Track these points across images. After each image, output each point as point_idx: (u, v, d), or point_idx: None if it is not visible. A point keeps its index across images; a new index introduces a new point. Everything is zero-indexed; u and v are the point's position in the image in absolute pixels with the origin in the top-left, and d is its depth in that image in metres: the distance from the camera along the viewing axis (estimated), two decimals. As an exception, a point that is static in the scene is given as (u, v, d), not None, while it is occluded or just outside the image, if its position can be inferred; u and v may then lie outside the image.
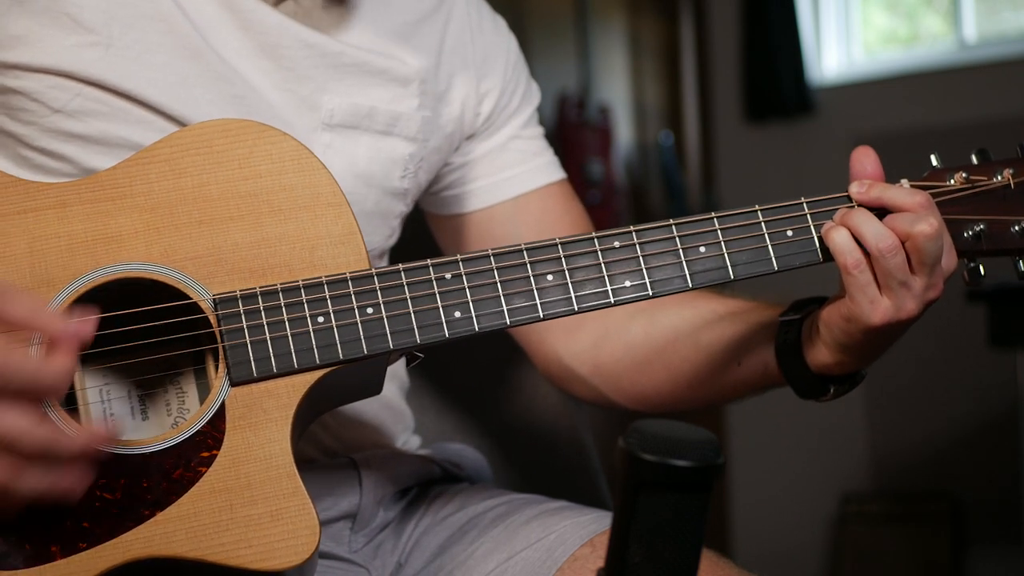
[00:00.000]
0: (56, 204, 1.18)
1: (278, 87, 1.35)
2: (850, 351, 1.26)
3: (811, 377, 1.31)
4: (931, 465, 4.47)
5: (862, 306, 1.22)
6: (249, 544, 1.12)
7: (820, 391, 1.33)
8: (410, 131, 1.43)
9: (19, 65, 1.27)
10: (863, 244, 1.21)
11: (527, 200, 1.54)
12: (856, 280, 1.21)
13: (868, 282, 1.21)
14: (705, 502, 0.87)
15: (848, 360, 1.28)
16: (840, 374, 1.31)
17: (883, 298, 1.22)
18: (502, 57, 1.54)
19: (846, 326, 1.24)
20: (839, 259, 1.22)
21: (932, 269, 1.22)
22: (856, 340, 1.24)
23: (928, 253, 1.20)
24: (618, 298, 1.24)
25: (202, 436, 1.15)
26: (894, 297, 1.21)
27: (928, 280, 1.22)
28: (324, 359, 1.17)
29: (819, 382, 1.32)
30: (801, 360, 1.31)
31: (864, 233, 1.21)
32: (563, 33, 4.83)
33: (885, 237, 1.20)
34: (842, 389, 1.32)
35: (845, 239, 1.22)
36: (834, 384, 1.32)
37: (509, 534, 1.37)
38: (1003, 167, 1.28)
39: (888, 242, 1.20)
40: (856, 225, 1.22)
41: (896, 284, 1.21)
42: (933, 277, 1.22)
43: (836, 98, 4.79)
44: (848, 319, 1.23)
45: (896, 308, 1.21)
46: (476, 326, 1.21)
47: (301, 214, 1.21)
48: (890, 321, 1.22)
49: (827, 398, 1.33)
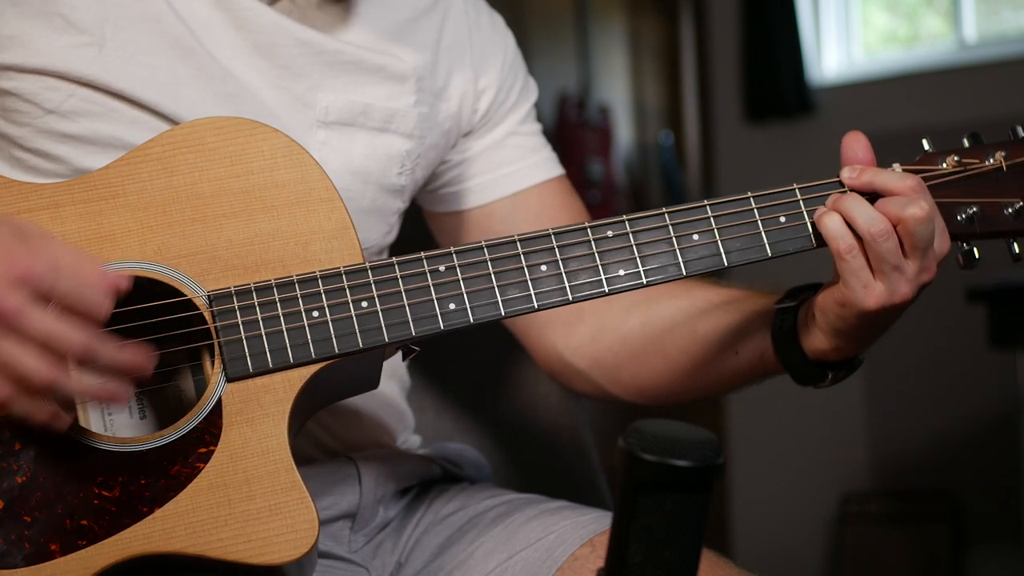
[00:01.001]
0: (49, 205, 1.18)
1: (272, 85, 1.35)
2: (845, 336, 1.26)
3: (808, 364, 1.32)
4: (931, 465, 4.47)
5: (856, 291, 1.22)
6: (248, 539, 1.13)
7: (818, 378, 1.33)
8: (406, 128, 1.43)
9: (12, 66, 1.27)
10: (855, 229, 1.21)
11: (525, 196, 1.54)
12: (849, 265, 1.21)
13: (861, 267, 1.21)
14: (705, 502, 0.87)
15: (844, 345, 1.28)
16: (837, 360, 1.31)
17: (877, 282, 1.22)
18: (499, 54, 1.54)
19: (841, 311, 1.24)
20: (832, 244, 1.22)
21: (925, 252, 1.22)
22: (851, 325, 1.25)
23: (920, 236, 1.21)
24: (612, 287, 1.24)
25: (199, 432, 1.15)
26: (887, 281, 1.21)
27: (921, 263, 1.22)
28: (320, 353, 1.18)
29: (816, 368, 1.32)
30: (798, 347, 1.31)
31: (856, 218, 1.21)
32: (563, 33, 4.84)
33: (877, 222, 1.21)
34: (840, 375, 1.33)
35: (837, 224, 1.22)
36: (832, 370, 1.32)
37: (509, 534, 1.37)
38: (995, 150, 1.28)
39: (880, 227, 1.20)
40: (848, 210, 1.22)
41: (889, 268, 1.21)
42: (926, 260, 1.23)
43: (836, 98, 4.78)
44: (842, 304, 1.23)
45: (890, 292, 1.21)
46: (471, 317, 1.21)
47: (294, 210, 1.21)
48: (884, 305, 1.22)
49: (825, 384, 1.34)
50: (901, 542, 4.42)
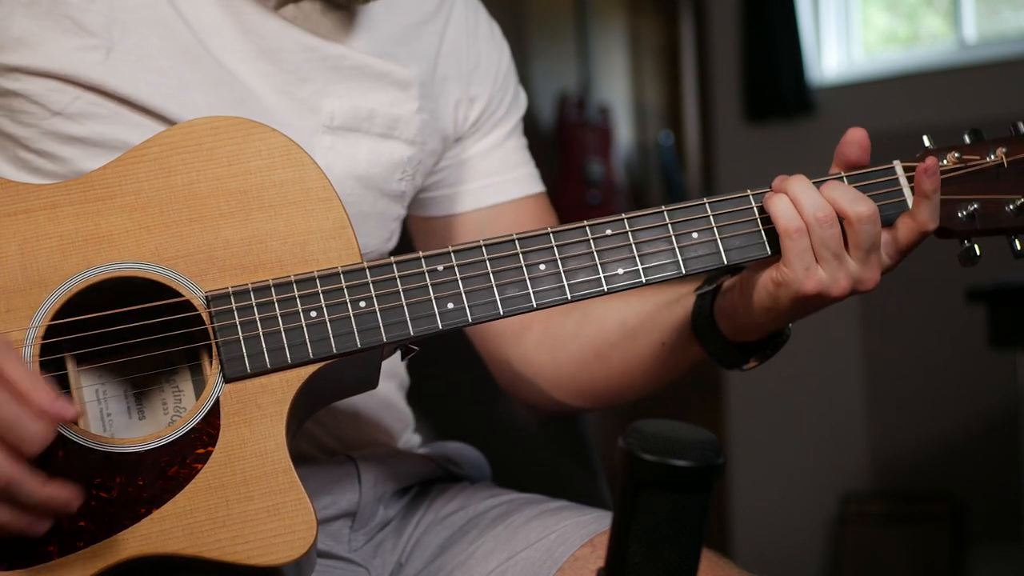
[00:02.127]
0: (46, 205, 1.18)
1: (278, 90, 1.35)
2: (769, 315, 1.27)
3: (728, 346, 1.33)
4: (931, 465, 4.47)
5: (797, 272, 1.22)
6: (246, 540, 1.12)
7: (740, 360, 1.35)
8: (409, 134, 1.43)
9: (20, 68, 1.28)
10: (800, 212, 1.22)
11: (502, 210, 1.54)
12: (795, 245, 1.22)
13: (805, 248, 1.22)
14: (705, 502, 0.87)
15: (765, 324, 1.29)
16: (755, 340, 1.32)
17: (818, 268, 1.22)
18: (494, 64, 1.54)
19: (775, 290, 1.24)
20: (778, 224, 1.23)
21: (867, 255, 1.23)
22: (781, 306, 1.25)
23: (863, 235, 1.22)
24: (611, 286, 1.24)
25: (197, 433, 1.15)
26: (829, 269, 1.22)
27: (863, 264, 1.23)
28: (318, 353, 1.17)
29: (736, 351, 1.33)
30: (716, 330, 1.33)
31: (802, 201, 1.23)
32: (563, 33, 4.83)
33: (822, 207, 1.22)
34: (767, 354, 1.34)
35: (785, 205, 1.23)
36: (754, 353, 1.34)
37: (509, 534, 1.37)
38: (996, 146, 1.28)
39: (824, 212, 1.22)
40: (795, 193, 1.23)
41: (830, 255, 1.22)
42: (868, 263, 1.24)
43: (836, 98, 4.79)
44: (779, 284, 1.24)
45: (831, 280, 1.22)
46: (469, 317, 1.21)
47: (291, 209, 1.21)
48: (821, 292, 1.23)
49: (749, 367, 1.35)
50: (901, 542, 4.42)
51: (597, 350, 1.47)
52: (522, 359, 1.53)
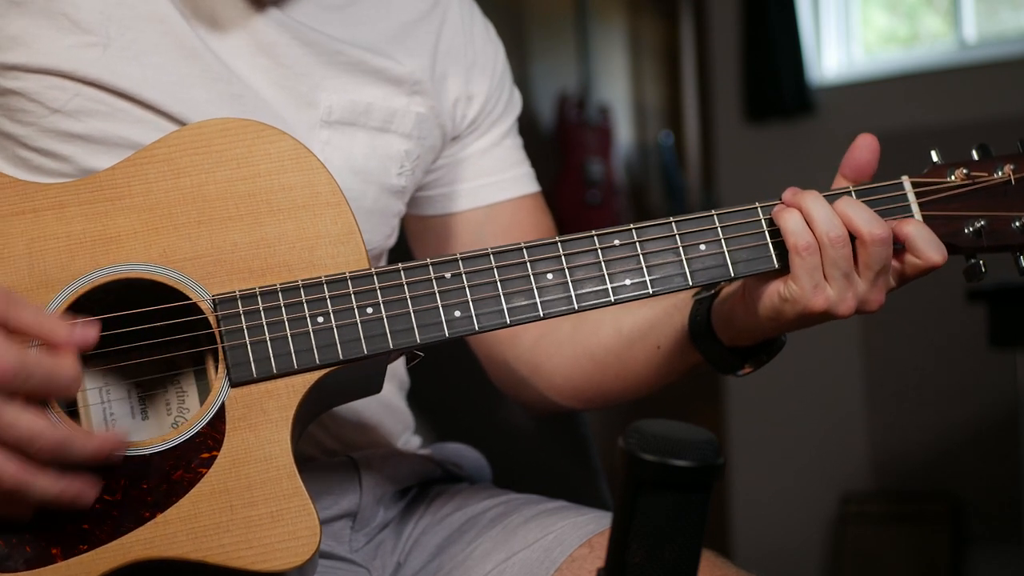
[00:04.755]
0: (54, 205, 1.18)
1: (276, 84, 1.35)
2: (771, 325, 1.26)
3: (724, 351, 1.32)
4: (931, 465, 4.47)
5: (805, 289, 1.21)
6: (250, 545, 1.12)
7: (736, 366, 1.34)
8: (405, 128, 1.43)
9: (17, 66, 1.27)
10: (812, 228, 1.21)
11: (499, 210, 1.54)
12: (805, 263, 1.21)
13: (815, 266, 1.21)
14: (705, 502, 0.87)
15: (763, 333, 1.29)
16: (751, 345, 1.32)
17: (827, 286, 1.22)
18: (491, 63, 1.55)
19: (780, 304, 1.23)
20: (789, 240, 1.21)
21: (876, 277, 1.22)
22: (784, 319, 1.24)
23: (875, 257, 1.21)
24: (618, 296, 1.23)
25: (202, 437, 1.15)
26: (837, 288, 1.21)
27: (870, 286, 1.22)
28: (324, 359, 1.17)
29: (732, 356, 1.33)
30: (713, 335, 1.32)
31: (815, 218, 1.21)
32: (563, 33, 4.83)
33: (836, 226, 1.21)
34: (762, 359, 1.34)
35: (797, 221, 1.22)
36: (749, 358, 1.33)
37: (507, 534, 1.37)
38: (1004, 163, 1.27)
39: (837, 232, 1.20)
40: (808, 208, 1.22)
41: (840, 275, 1.21)
42: (875, 286, 1.23)
43: (836, 98, 4.79)
44: (785, 299, 1.23)
45: (838, 299, 1.21)
46: (476, 325, 1.21)
47: (300, 213, 1.21)
48: (828, 310, 1.22)
49: (744, 372, 1.35)
50: (901, 542, 4.42)
51: (593, 353, 1.47)
52: (518, 358, 1.53)
